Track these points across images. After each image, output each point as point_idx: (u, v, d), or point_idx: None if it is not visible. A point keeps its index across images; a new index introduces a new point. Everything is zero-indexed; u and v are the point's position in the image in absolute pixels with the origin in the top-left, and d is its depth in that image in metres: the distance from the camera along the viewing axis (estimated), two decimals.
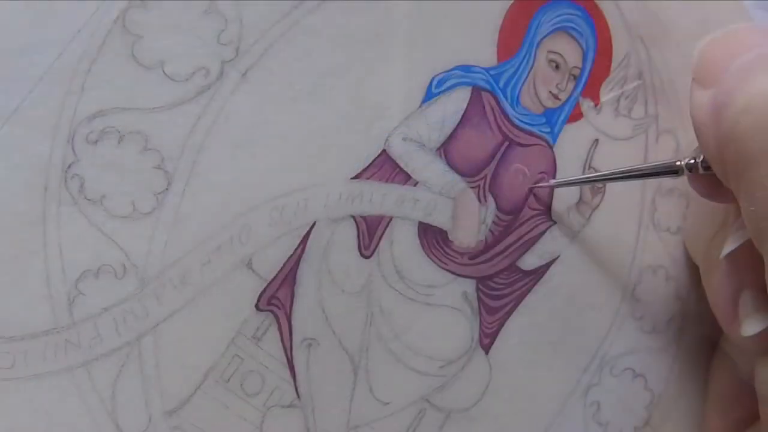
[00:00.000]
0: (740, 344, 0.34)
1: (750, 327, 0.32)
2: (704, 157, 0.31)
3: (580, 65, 0.36)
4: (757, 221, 0.28)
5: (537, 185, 0.36)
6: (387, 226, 0.33)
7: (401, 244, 0.34)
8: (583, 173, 0.36)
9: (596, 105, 0.37)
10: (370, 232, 0.33)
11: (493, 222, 0.35)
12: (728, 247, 0.32)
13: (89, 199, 0.30)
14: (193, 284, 0.31)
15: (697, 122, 0.30)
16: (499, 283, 0.35)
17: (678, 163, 0.32)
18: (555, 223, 0.36)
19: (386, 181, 0.33)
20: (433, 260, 0.34)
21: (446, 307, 0.34)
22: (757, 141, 0.27)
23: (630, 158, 0.37)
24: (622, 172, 0.34)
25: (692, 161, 0.32)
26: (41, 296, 0.29)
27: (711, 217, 0.36)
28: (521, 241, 0.36)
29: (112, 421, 0.30)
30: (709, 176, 0.32)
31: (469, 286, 0.35)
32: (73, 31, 0.29)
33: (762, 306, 0.32)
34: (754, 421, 0.36)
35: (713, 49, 0.31)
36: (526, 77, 0.35)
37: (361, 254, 0.33)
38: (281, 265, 0.32)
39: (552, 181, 0.36)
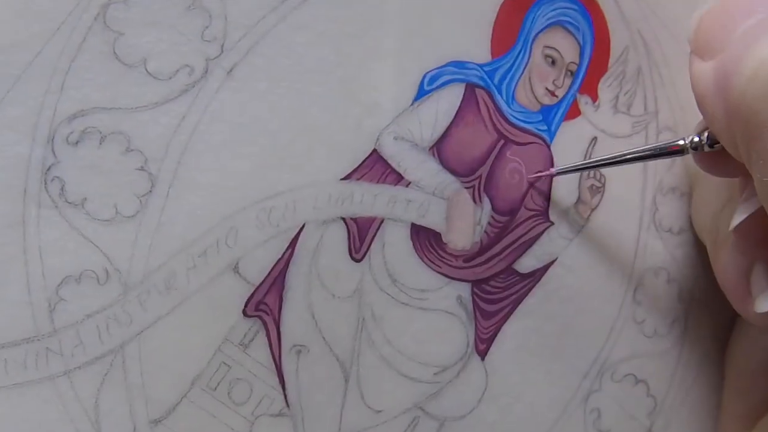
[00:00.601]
0: (755, 322, 0.33)
1: (765, 303, 0.32)
2: (711, 130, 0.31)
3: (577, 60, 0.37)
4: None
5: (536, 174, 0.36)
6: (378, 228, 0.34)
7: (393, 246, 0.34)
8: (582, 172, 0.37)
9: (594, 101, 0.37)
10: (361, 234, 0.34)
11: (489, 223, 0.35)
12: (737, 219, 0.32)
13: (70, 202, 0.30)
14: (178, 289, 0.31)
15: (701, 95, 0.30)
16: (495, 287, 0.36)
17: (681, 142, 0.32)
18: (553, 224, 0.36)
19: (377, 182, 0.34)
20: (426, 263, 0.34)
21: (440, 311, 0.35)
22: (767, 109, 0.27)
23: None
24: (624, 155, 0.34)
25: (696, 139, 0.32)
26: (21, 303, 0.30)
27: (717, 192, 0.36)
28: (518, 243, 0.36)
29: (96, 431, 0.30)
30: (715, 152, 0.31)
31: (464, 289, 0.35)
32: (52, 28, 0.30)
33: None
34: None
35: (711, 18, 0.30)
36: (522, 73, 0.36)
37: (352, 257, 0.34)
38: (269, 269, 0.32)
39: (553, 170, 0.36)
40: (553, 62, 0.36)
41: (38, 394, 0.30)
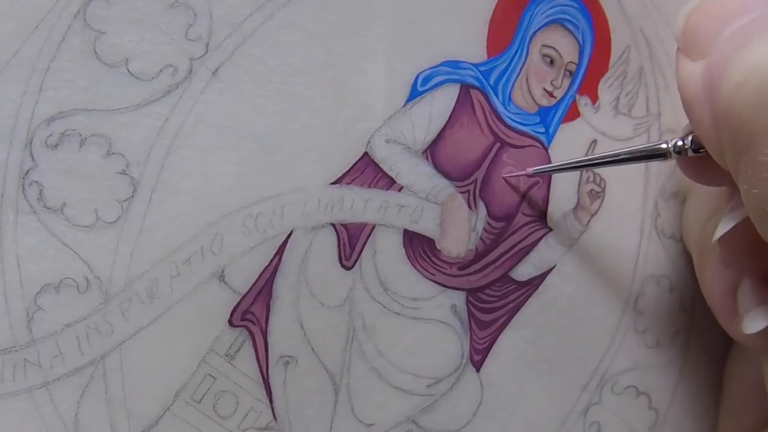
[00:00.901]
0: (742, 342, 0.33)
1: (753, 323, 0.32)
2: (697, 136, 0.30)
3: (576, 60, 0.37)
4: (762, 204, 0.27)
5: (510, 174, 0.36)
6: (370, 234, 0.34)
7: (385, 253, 0.34)
8: (581, 175, 0.37)
9: (594, 103, 0.37)
10: (351, 241, 0.34)
11: (484, 229, 0.35)
12: (721, 230, 0.31)
13: (49, 208, 0.30)
14: (161, 298, 0.31)
15: (688, 98, 0.30)
16: (491, 295, 0.36)
17: (664, 145, 0.32)
18: (551, 230, 0.36)
19: (368, 186, 0.34)
20: (419, 271, 0.34)
21: (434, 321, 0.35)
22: (758, 117, 0.26)
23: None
24: (604, 157, 0.34)
25: (680, 142, 0.31)
26: None
27: (706, 200, 0.35)
28: (515, 250, 0.36)
29: None
30: (700, 158, 0.31)
31: (459, 298, 0.35)
32: (30, 26, 0.30)
33: (765, 297, 0.32)
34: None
35: (701, 15, 0.30)
36: (519, 73, 0.36)
37: (342, 265, 0.34)
38: (256, 277, 0.32)
39: (529, 170, 0.35)
40: (552, 62, 0.36)
41: (15, 407, 0.30)
